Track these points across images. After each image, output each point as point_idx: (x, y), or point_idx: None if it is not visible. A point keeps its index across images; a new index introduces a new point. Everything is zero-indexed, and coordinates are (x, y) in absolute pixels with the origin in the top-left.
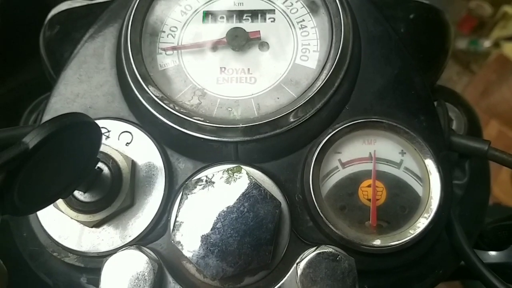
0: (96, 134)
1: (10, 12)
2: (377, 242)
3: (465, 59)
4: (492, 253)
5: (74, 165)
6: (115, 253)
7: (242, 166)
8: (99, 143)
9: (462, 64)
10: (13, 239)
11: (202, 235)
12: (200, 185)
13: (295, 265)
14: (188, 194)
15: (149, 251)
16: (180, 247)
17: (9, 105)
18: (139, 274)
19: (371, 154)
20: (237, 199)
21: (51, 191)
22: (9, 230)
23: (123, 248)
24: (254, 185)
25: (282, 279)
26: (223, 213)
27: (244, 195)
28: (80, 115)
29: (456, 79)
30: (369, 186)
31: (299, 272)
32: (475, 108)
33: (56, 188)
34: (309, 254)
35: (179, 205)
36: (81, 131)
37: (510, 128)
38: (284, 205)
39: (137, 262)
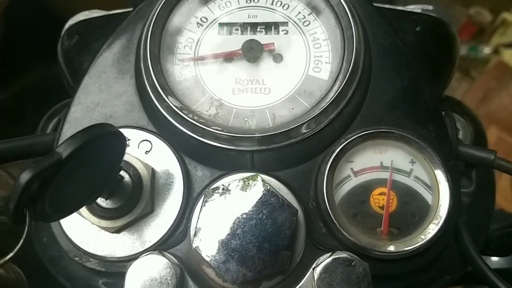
0: (121, 144)
1: (14, 18)
2: (390, 248)
3: (465, 65)
4: (495, 259)
5: (99, 173)
6: (135, 258)
7: (260, 175)
8: (123, 152)
9: (462, 71)
10: (31, 245)
11: (223, 241)
12: (217, 193)
13: (311, 270)
14: (207, 202)
15: (170, 256)
16: (201, 253)
17: (13, 109)
18: (162, 278)
19: (382, 163)
20: (255, 207)
21: (77, 198)
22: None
23: (146, 253)
24: (272, 193)
25: (298, 284)
26: (242, 220)
27: (262, 202)
28: (108, 126)
29: (456, 86)
30: (380, 194)
31: (315, 276)
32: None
33: (82, 196)
34: (325, 260)
35: (199, 212)
36: (108, 141)
37: (510, 134)
38: (300, 212)
39: (160, 267)
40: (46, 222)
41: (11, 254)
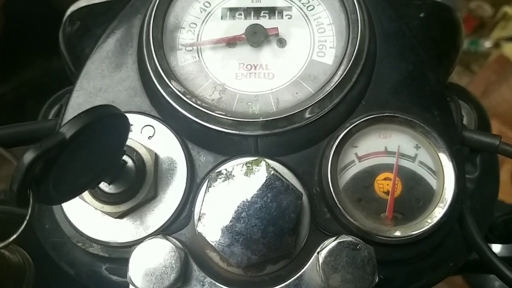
0: (124, 127)
1: (14, 12)
2: (395, 233)
3: (466, 59)
4: (498, 248)
5: (102, 156)
6: (139, 243)
7: (264, 159)
8: (126, 135)
9: (463, 64)
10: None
11: (227, 225)
12: (220, 178)
13: (315, 254)
14: (210, 187)
15: (174, 240)
16: (205, 237)
17: (13, 103)
18: (166, 262)
19: (386, 148)
20: (260, 190)
21: (80, 181)
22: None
23: (149, 238)
24: (276, 176)
25: (303, 268)
26: (247, 203)
27: (266, 186)
28: (112, 108)
29: (457, 79)
30: (384, 179)
31: (320, 260)
32: None
33: (85, 179)
34: (330, 244)
35: (203, 197)
36: (111, 123)
37: (510, 128)
38: (304, 196)
39: (164, 251)
40: (49, 205)
41: (14, 236)
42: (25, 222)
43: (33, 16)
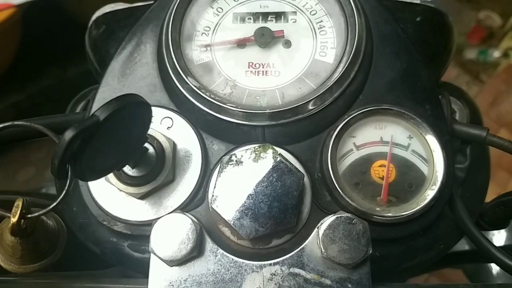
0: (148, 114)
1: (32, 23)
2: (389, 213)
3: (475, 69)
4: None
5: (128, 142)
6: None
7: (271, 145)
8: (149, 122)
9: (472, 74)
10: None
11: (237, 202)
12: (231, 163)
13: (316, 229)
14: (222, 172)
15: (190, 215)
16: (219, 212)
17: (28, 111)
18: (183, 233)
19: (381, 138)
20: (267, 171)
21: (108, 163)
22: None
23: (169, 213)
24: (281, 160)
25: (305, 241)
26: (255, 183)
27: (273, 167)
28: (138, 96)
29: (466, 89)
30: (380, 166)
31: (320, 233)
32: (485, 117)
33: (112, 161)
34: (329, 219)
35: (215, 181)
36: (137, 111)
37: None
38: (306, 179)
39: (182, 224)
40: (82, 180)
41: (54, 203)
42: (64, 191)
43: (50, 27)
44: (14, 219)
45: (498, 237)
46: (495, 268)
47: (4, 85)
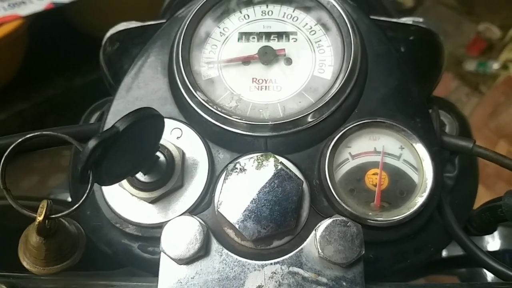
0: (161, 126)
1: (38, 33)
2: (382, 217)
3: (474, 80)
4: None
5: (142, 150)
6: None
7: (272, 154)
8: (162, 133)
9: (471, 86)
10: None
11: (241, 206)
12: (235, 170)
13: (314, 231)
14: (227, 179)
15: (198, 218)
16: (224, 215)
17: (35, 119)
18: (191, 234)
19: (375, 148)
20: (269, 178)
21: (124, 169)
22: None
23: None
24: (281, 169)
25: (303, 242)
26: (258, 188)
27: (274, 174)
28: (153, 110)
29: (465, 100)
30: (374, 174)
31: (317, 235)
32: (484, 128)
33: (128, 167)
34: (325, 222)
35: (221, 187)
36: (152, 122)
37: None
38: (305, 185)
39: (190, 226)
40: (100, 185)
41: (77, 205)
42: (84, 196)
43: (56, 38)
44: (40, 218)
45: (493, 244)
46: (489, 275)
47: (10, 94)
